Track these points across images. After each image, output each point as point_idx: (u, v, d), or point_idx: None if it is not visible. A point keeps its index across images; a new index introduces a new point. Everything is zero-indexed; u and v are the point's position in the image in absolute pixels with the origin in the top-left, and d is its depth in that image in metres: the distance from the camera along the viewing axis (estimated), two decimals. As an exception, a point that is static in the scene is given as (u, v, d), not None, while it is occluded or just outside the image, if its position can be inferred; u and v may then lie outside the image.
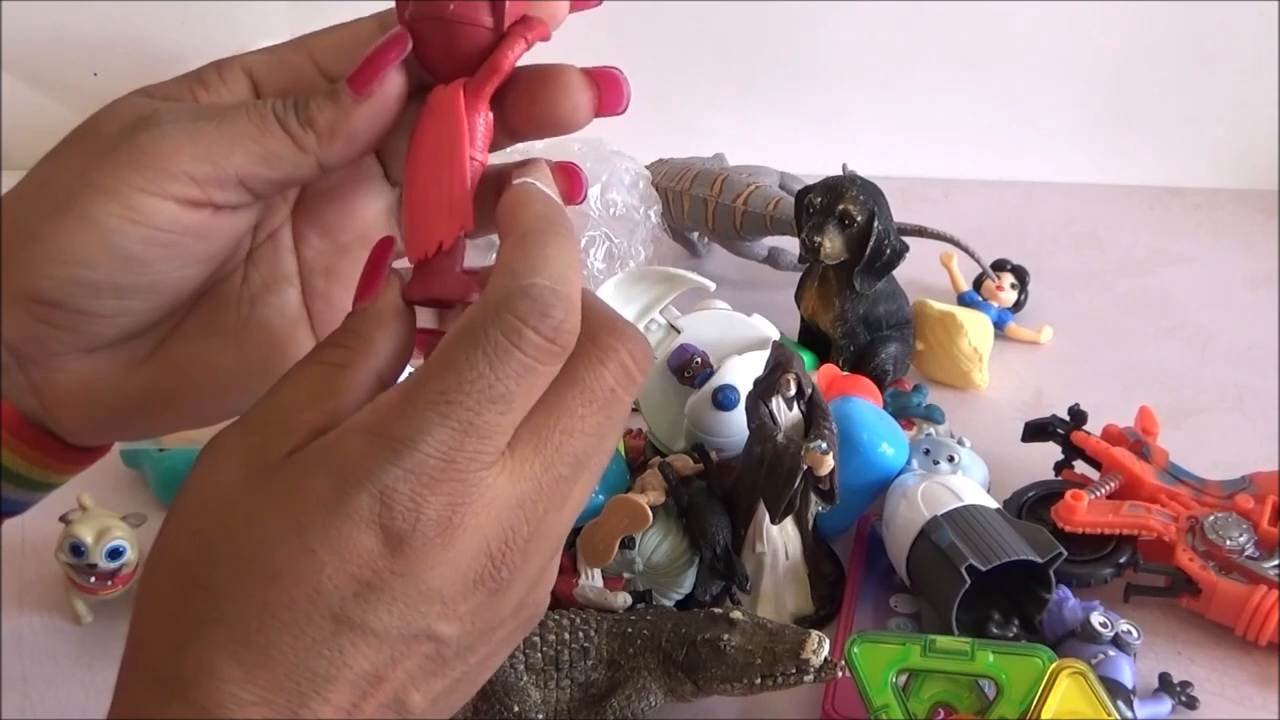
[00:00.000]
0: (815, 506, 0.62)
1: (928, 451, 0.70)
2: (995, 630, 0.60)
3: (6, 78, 1.11)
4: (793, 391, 0.61)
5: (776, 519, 0.61)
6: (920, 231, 0.88)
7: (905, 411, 0.78)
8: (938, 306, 0.84)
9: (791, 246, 0.90)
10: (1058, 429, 0.72)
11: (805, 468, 0.58)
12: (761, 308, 0.79)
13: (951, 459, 0.69)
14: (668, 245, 0.98)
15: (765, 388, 0.62)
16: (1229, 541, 0.62)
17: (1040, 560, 0.58)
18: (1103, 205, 1.11)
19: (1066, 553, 0.59)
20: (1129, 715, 0.55)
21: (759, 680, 0.52)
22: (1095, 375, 0.85)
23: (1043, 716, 0.51)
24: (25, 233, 0.32)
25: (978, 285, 0.93)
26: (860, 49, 1.12)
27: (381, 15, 0.35)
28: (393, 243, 0.33)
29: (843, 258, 0.78)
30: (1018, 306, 0.92)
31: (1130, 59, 1.10)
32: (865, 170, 0.84)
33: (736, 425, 0.67)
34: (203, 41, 1.11)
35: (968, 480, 0.65)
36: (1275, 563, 0.62)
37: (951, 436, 0.73)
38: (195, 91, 0.34)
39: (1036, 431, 0.73)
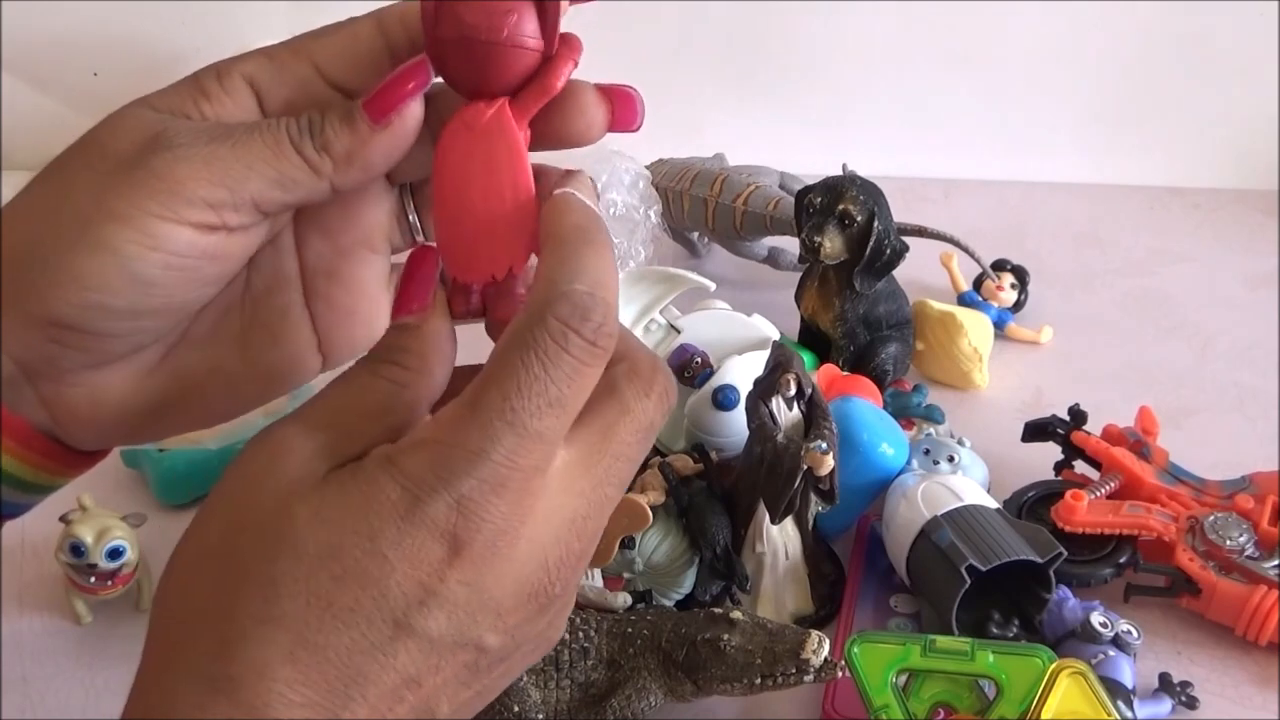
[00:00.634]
0: (815, 506, 0.62)
1: (928, 451, 0.70)
2: (995, 630, 0.60)
3: (6, 78, 1.11)
4: (793, 391, 0.61)
5: (776, 519, 0.61)
6: (920, 231, 0.88)
7: (905, 411, 0.78)
8: (938, 306, 0.84)
9: (791, 246, 0.90)
10: (1058, 429, 0.72)
11: (805, 468, 0.58)
12: (761, 308, 0.79)
13: (951, 459, 0.69)
14: (668, 245, 0.98)
15: (765, 388, 0.62)
16: (1229, 541, 0.62)
17: (1040, 560, 0.58)
18: (1103, 205, 1.10)
19: (1066, 553, 0.59)
20: (1129, 715, 0.55)
21: (759, 680, 0.52)
22: (1095, 375, 0.85)
23: (1043, 716, 0.51)
24: (40, 258, 0.32)
25: (978, 285, 0.93)
26: (860, 49, 1.12)
27: (379, 15, 0.35)
28: (434, 255, 0.33)
29: (843, 258, 0.78)
30: (1018, 306, 0.92)
31: (1130, 59, 1.10)
32: (865, 170, 0.84)
33: (736, 425, 0.67)
34: (203, 42, 1.10)
35: (968, 480, 0.65)
36: (1275, 563, 0.62)
37: (951, 436, 0.73)
38: (198, 103, 0.33)
39: (1036, 431, 0.73)
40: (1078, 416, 0.72)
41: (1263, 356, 0.87)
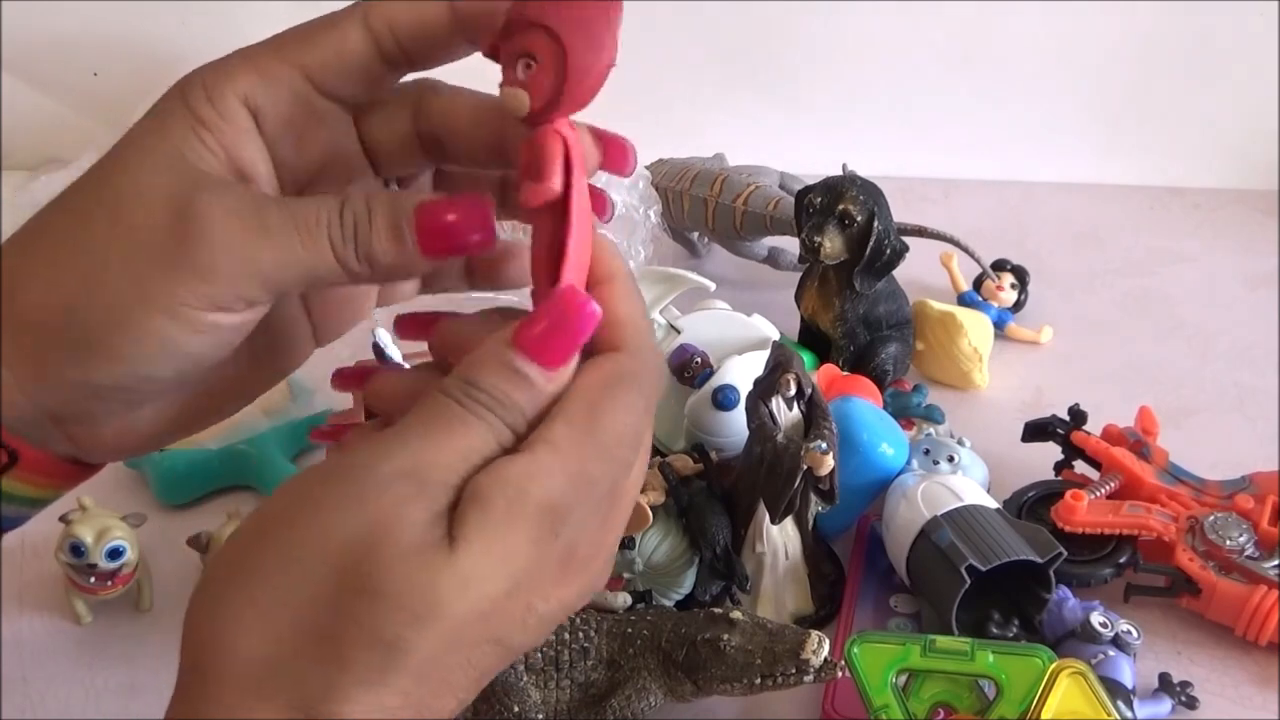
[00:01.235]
0: (815, 506, 0.62)
1: (928, 451, 0.70)
2: (995, 630, 0.60)
3: (6, 78, 1.10)
4: (793, 391, 0.61)
5: (776, 519, 0.61)
6: (920, 231, 0.88)
7: (905, 411, 0.78)
8: (938, 306, 0.84)
9: (791, 246, 0.90)
10: (1058, 429, 0.72)
11: (805, 468, 0.58)
12: (761, 308, 0.79)
13: (951, 459, 0.69)
14: (668, 245, 0.98)
15: (765, 388, 0.62)
16: (1229, 541, 0.62)
17: (1040, 560, 0.58)
18: (1103, 205, 1.10)
19: (1066, 553, 0.59)
20: (1129, 715, 0.55)
21: (759, 680, 0.52)
22: (1095, 375, 0.85)
23: (1043, 716, 0.51)
24: (80, 334, 0.32)
25: (978, 285, 0.93)
26: (860, 49, 1.12)
27: (366, 15, 0.33)
28: (594, 309, 0.31)
29: (843, 258, 0.78)
30: (1018, 306, 0.92)
31: (1130, 59, 1.09)
32: (865, 170, 0.84)
33: (736, 425, 0.67)
34: (203, 42, 1.10)
35: (968, 480, 0.65)
36: (1275, 563, 0.62)
37: (951, 436, 0.73)
38: (201, 136, 0.32)
39: (1036, 431, 0.73)
40: (1078, 416, 0.72)
41: (1263, 356, 0.87)
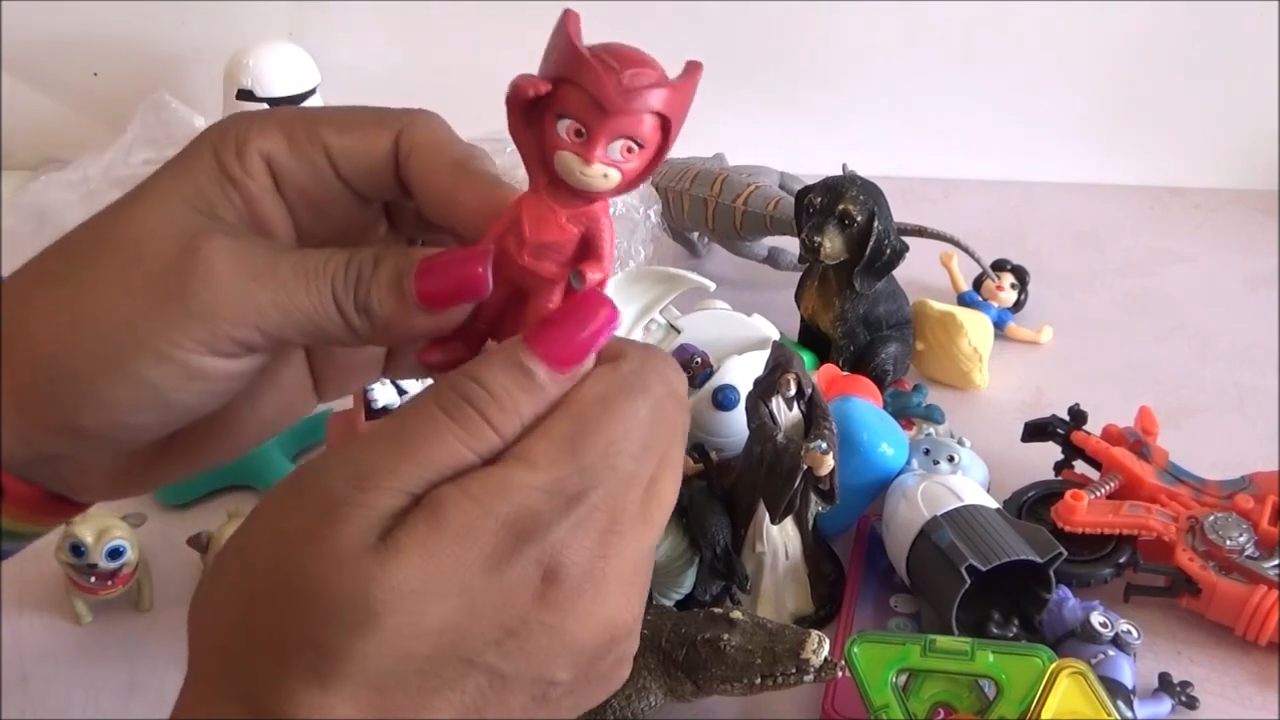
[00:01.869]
0: (815, 506, 0.62)
1: (928, 451, 0.70)
2: (995, 630, 0.60)
3: (6, 78, 1.10)
4: (793, 391, 0.61)
5: (776, 519, 0.61)
6: (920, 231, 0.88)
7: (905, 411, 0.78)
8: (938, 306, 0.84)
9: (791, 246, 0.90)
10: (1058, 429, 0.72)
11: (805, 468, 0.58)
12: (761, 308, 0.79)
13: (951, 459, 0.69)
14: (668, 245, 0.98)
15: (765, 388, 0.62)
16: (1229, 541, 0.62)
17: (1040, 560, 0.58)
18: (1103, 205, 1.10)
19: (1066, 553, 0.59)
20: (1129, 715, 0.55)
21: (759, 680, 0.52)
22: (1095, 375, 0.85)
23: (1043, 716, 0.51)
24: (69, 376, 0.31)
25: (978, 285, 0.93)
26: (860, 49, 1.12)
27: (401, 131, 0.33)
28: (613, 309, 0.30)
29: (843, 258, 0.78)
30: (1018, 306, 0.92)
31: (1130, 59, 1.09)
32: (865, 170, 0.84)
33: (736, 425, 0.67)
34: (203, 42, 1.10)
35: (968, 480, 0.65)
36: (1275, 563, 0.62)
37: (951, 436, 0.73)
38: (227, 192, 0.32)
39: (1036, 431, 0.73)
40: (1078, 416, 0.72)
41: (1263, 356, 0.87)
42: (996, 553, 0.58)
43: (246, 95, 0.98)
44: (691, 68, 0.30)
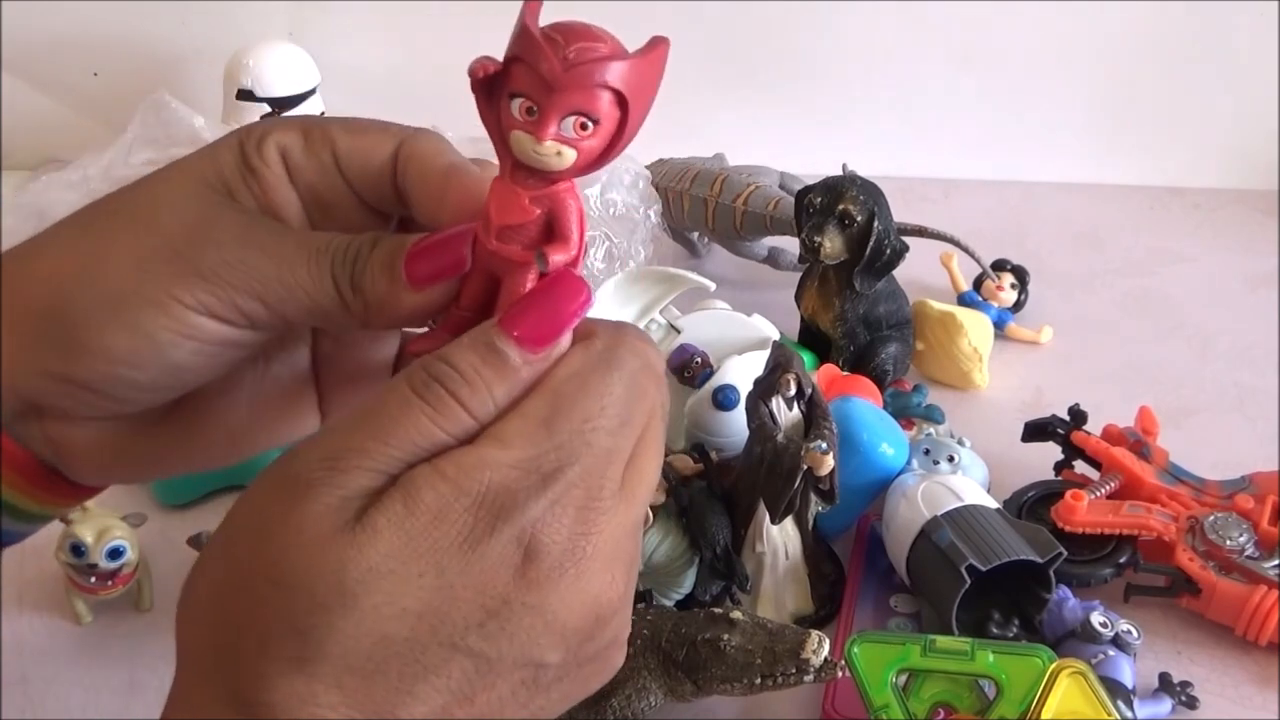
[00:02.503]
0: (815, 506, 0.62)
1: (928, 451, 0.70)
2: (995, 630, 0.60)
3: (6, 78, 1.11)
4: (793, 391, 0.61)
5: (776, 519, 0.61)
6: (920, 231, 0.87)
7: (905, 411, 0.78)
8: (938, 306, 0.84)
9: (791, 246, 0.90)
10: (1058, 429, 0.72)
11: (805, 468, 0.58)
12: (761, 308, 0.79)
13: (951, 459, 0.69)
14: (668, 245, 0.98)
15: (765, 388, 0.62)
16: (1229, 541, 0.62)
17: (1040, 560, 0.58)
18: (1103, 205, 1.10)
19: (1066, 553, 0.59)
20: (1129, 715, 0.55)
21: (759, 680, 0.52)
22: (1095, 375, 0.85)
23: (1043, 716, 0.51)
24: (70, 323, 0.32)
25: (978, 285, 0.93)
26: (860, 49, 1.12)
27: (402, 142, 0.34)
28: (587, 289, 0.31)
29: (843, 258, 0.78)
30: (1018, 306, 0.92)
31: (1130, 59, 1.09)
32: (865, 170, 0.84)
33: (736, 425, 0.67)
34: (203, 42, 1.10)
35: (968, 480, 0.65)
36: (1275, 563, 0.62)
37: (951, 436, 0.73)
38: (247, 180, 0.33)
39: (1036, 431, 0.73)
40: (1078, 416, 0.72)
41: (1263, 356, 0.87)
42: (997, 553, 0.58)
43: (246, 95, 0.98)
44: (654, 42, 0.29)
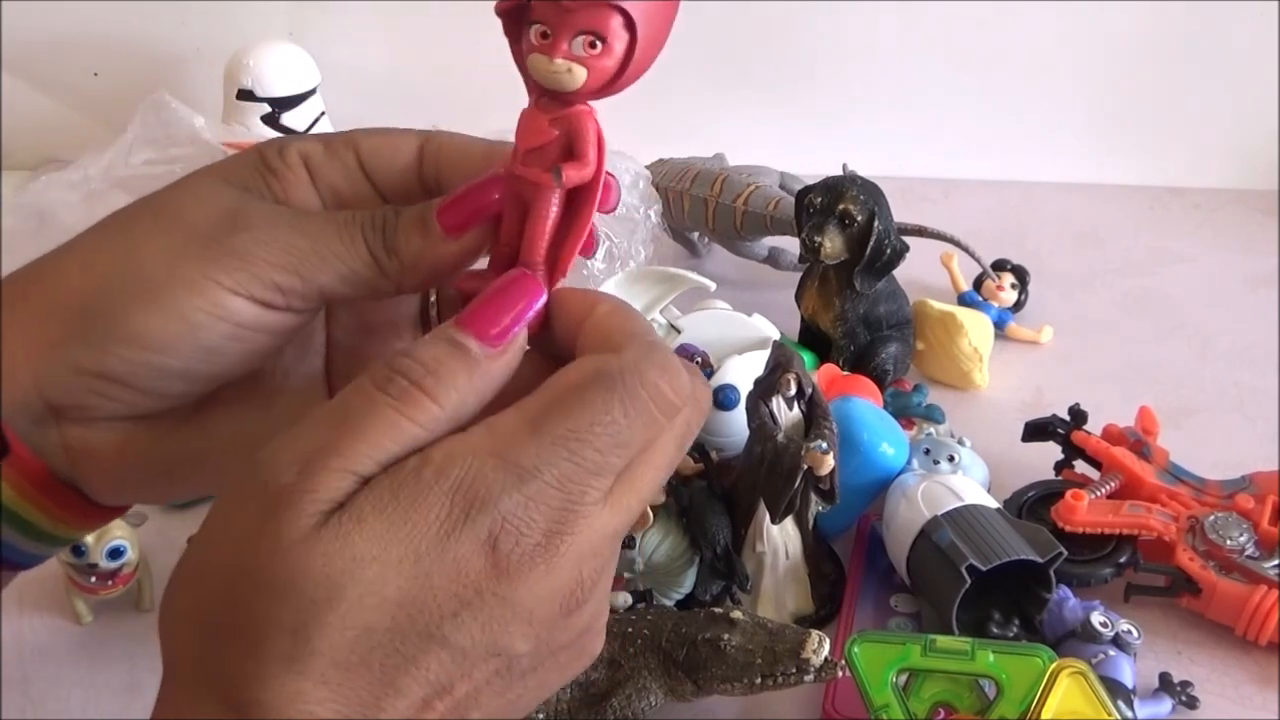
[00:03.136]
0: (815, 506, 0.62)
1: (928, 451, 0.70)
2: (995, 630, 0.60)
3: (6, 78, 1.11)
4: (793, 391, 0.61)
5: (777, 519, 0.61)
6: (920, 231, 0.88)
7: (905, 411, 0.78)
8: (938, 306, 0.84)
9: (791, 246, 0.90)
10: (1058, 429, 0.72)
11: (805, 467, 0.58)
12: (761, 308, 0.79)
13: (952, 459, 0.69)
14: (668, 245, 0.98)
15: (765, 388, 0.62)
16: (1229, 541, 0.62)
17: (1040, 560, 0.58)
18: (1103, 205, 1.10)
19: (1066, 552, 0.59)
20: (1129, 715, 0.55)
21: (759, 680, 0.52)
22: (1095, 375, 0.85)
23: (1043, 716, 0.51)
24: (102, 313, 0.32)
25: (978, 285, 0.93)
26: (860, 49, 1.12)
27: (426, 138, 0.35)
28: (540, 287, 0.32)
29: (843, 258, 0.78)
30: (1018, 306, 0.92)
31: (1130, 59, 1.09)
32: (865, 170, 0.84)
33: (736, 425, 0.67)
34: (203, 42, 1.10)
35: (968, 480, 0.65)
36: (1275, 563, 0.62)
37: (952, 436, 0.73)
38: (266, 179, 0.34)
39: (1036, 431, 0.73)
40: (1078, 416, 0.72)
41: (1263, 356, 0.87)
42: (997, 552, 0.58)
43: (247, 95, 0.98)
44: None
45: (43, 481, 0.35)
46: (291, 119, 1.00)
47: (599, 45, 0.30)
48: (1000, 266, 0.93)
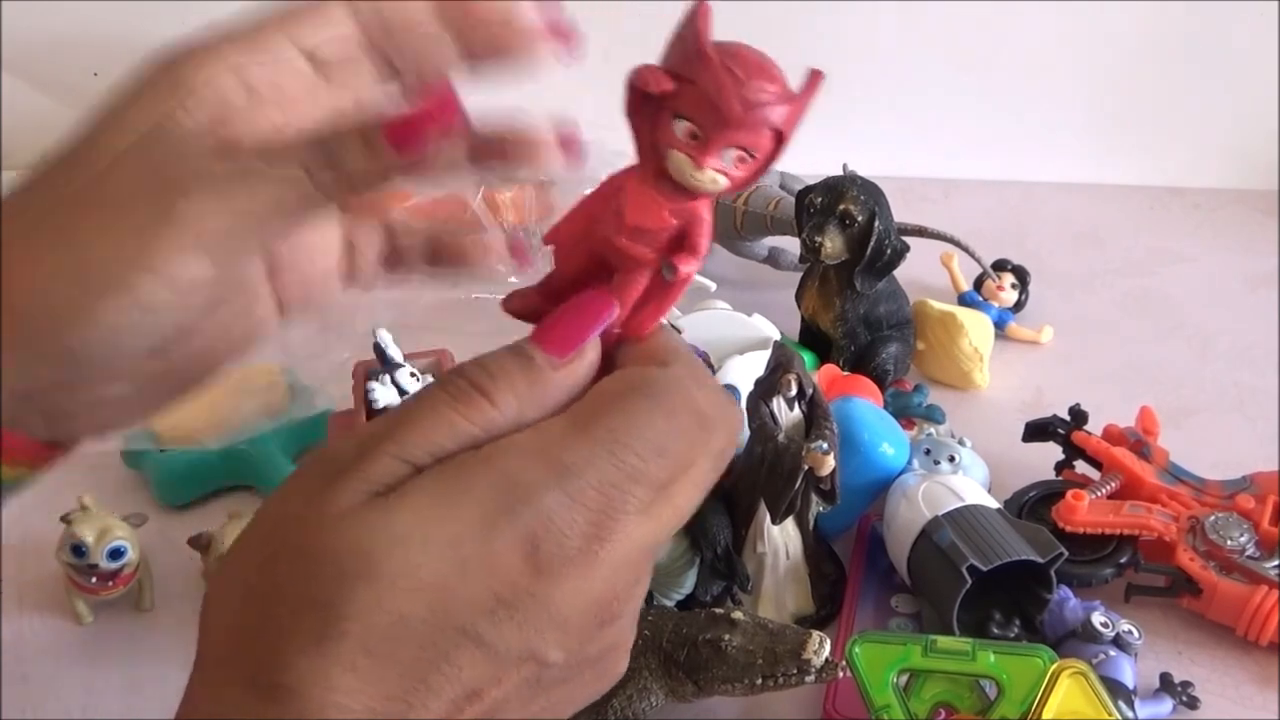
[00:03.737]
0: (816, 506, 0.62)
1: (928, 451, 0.70)
2: (996, 630, 0.60)
3: (6, 78, 1.11)
4: (793, 391, 0.61)
5: (777, 519, 0.61)
6: (920, 231, 0.88)
7: (906, 411, 0.78)
8: (938, 306, 0.84)
9: (792, 246, 0.90)
10: (1058, 429, 0.72)
11: (806, 468, 0.58)
12: (761, 308, 0.79)
13: (952, 459, 0.69)
14: (668, 245, 0.97)
15: (766, 388, 0.62)
16: (1229, 541, 0.62)
17: (1041, 560, 0.58)
18: (1103, 205, 1.10)
19: (1067, 553, 0.59)
20: (1130, 715, 0.55)
21: (760, 681, 0.52)
22: (1095, 375, 0.85)
23: (1044, 717, 0.51)
24: (60, 308, 0.31)
25: (978, 285, 0.93)
26: (860, 49, 1.12)
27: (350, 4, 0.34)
28: (613, 305, 0.32)
29: (843, 258, 0.78)
30: (1018, 306, 0.92)
31: (1130, 59, 1.10)
32: (865, 170, 0.83)
33: (737, 425, 0.67)
34: (203, 42, 1.10)
35: (968, 480, 0.65)
36: (1276, 563, 0.62)
37: (952, 436, 0.73)
38: (186, 106, 0.33)
39: (1037, 431, 0.73)
40: (1078, 416, 0.72)
41: (1263, 356, 0.87)
42: (997, 553, 0.58)
43: (246, 95, 0.98)
44: (814, 78, 0.30)
45: (18, 448, 0.35)
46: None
47: (748, 159, 0.30)
48: (1000, 266, 0.93)
